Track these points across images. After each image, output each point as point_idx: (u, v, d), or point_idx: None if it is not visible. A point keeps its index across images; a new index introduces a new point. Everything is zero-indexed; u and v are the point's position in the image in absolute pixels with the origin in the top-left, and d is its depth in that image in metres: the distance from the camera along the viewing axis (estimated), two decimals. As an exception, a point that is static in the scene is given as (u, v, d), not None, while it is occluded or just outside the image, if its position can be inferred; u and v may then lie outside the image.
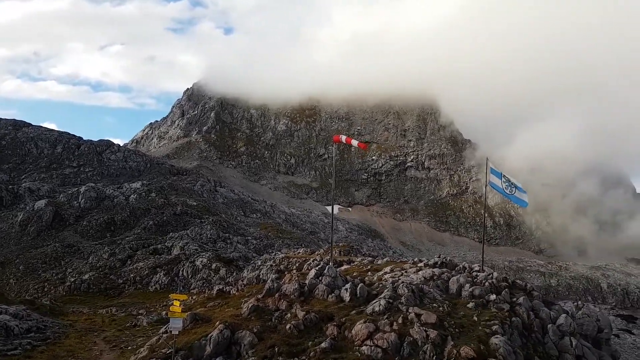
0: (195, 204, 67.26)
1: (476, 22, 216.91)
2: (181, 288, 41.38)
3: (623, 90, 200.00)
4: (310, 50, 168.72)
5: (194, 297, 30.86)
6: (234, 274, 41.38)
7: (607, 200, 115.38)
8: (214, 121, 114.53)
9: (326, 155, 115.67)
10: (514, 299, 18.63)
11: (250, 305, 18.58)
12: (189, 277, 43.16)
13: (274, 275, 23.89)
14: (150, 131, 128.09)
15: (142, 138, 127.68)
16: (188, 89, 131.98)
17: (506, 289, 19.20)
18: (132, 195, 65.05)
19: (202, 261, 44.35)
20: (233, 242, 55.72)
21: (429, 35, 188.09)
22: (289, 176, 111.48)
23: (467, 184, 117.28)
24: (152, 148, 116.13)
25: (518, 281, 21.63)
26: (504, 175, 22.84)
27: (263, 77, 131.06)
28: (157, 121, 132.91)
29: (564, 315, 18.88)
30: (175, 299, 17.87)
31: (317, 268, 20.16)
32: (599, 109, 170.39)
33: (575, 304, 23.80)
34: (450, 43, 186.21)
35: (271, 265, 31.73)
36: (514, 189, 22.61)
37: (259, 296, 19.66)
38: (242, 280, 35.31)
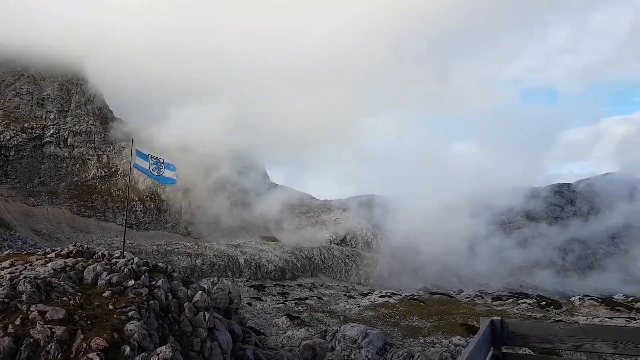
0: None
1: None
2: None
3: (260, 88, 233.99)
4: None
5: None
6: None
7: (241, 181, 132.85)
8: None
9: None
10: (154, 282, 18.62)
11: None
12: None
13: None
14: None
15: None
16: None
17: (146, 273, 18.96)
18: None
19: None
20: None
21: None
22: None
23: (117, 165, 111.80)
24: None
25: (159, 264, 21.80)
26: (152, 157, 22.47)
27: None
28: None
29: (200, 292, 20.16)
30: None
31: None
32: (243, 102, 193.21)
33: (212, 280, 26.00)
34: (101, 14, 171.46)
35: None
36: (162, 169, 22.54)
37: None
38: None
